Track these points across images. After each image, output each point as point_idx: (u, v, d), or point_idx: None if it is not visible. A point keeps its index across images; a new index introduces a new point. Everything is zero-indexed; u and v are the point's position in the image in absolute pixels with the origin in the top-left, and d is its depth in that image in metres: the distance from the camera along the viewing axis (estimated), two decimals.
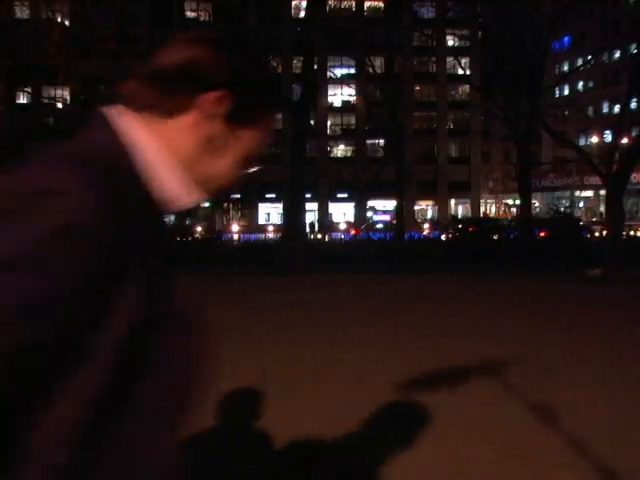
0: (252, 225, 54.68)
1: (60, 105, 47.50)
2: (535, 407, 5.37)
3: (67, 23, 26.99)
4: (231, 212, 60.39)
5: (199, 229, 46.12)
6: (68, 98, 53.38)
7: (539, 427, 4.92)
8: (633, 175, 39.89)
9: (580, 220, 31.42)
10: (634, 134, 29.43)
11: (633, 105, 26.44)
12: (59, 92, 47.94)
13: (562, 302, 12.29)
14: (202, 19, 51.31)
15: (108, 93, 51.56)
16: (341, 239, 38.09)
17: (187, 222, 54.08)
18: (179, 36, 1.11)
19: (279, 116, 59.86)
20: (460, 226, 28.87)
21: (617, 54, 54.56)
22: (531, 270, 18.94)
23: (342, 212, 61.92)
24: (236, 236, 34.26)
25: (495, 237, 27.50)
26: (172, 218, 58.63)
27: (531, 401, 5.49)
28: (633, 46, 25.11)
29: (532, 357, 7.13)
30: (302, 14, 38.88)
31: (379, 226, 56.52)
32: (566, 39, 65.35)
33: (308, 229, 36.31)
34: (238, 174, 1.22)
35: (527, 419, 5.07)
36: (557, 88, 57.85)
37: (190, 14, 56.26)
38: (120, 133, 1.02)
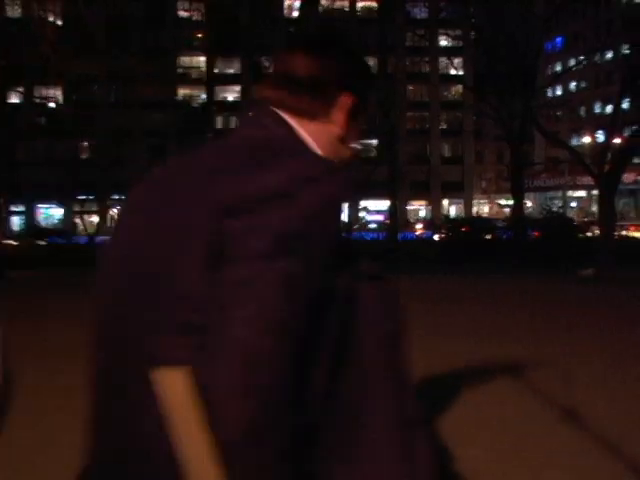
0: None
1: (53, 105, 47.31)
2: (535, 408, 5.36)
3: (59, 22, 26.84)
4: None
5: None
6: (61, 98, 53.18)
7: (536, 428, 4.91)
8: (625, 175, 39.93)
9: (573, 220, 31.49)
10: (626, 134, 29.54)
11: (625, 105, 26.50)
12: (51, 92, 47.77)
13: (559, 302, 12.31)
14: (194, 19, 51.34)
15: (100, 92, 50.96)
16: None
17: None
18: (298, 44, 1.33)
19: None
20: (453, 226, 28.90)
21: (609, 55, 54.70)
22: (525, 270, 18.96)
23: None
24: None
25: (488, 237, 27.54)
26: None
27: (532, 401, 5.48)
28: (625, 47, 25.19)
29: (532, 357, 7.12)
30: (295, 14, 38.85)
31: (372, 226, 56.57)
32: (559, 40, 65.51)
33: None
34: (355, 153, 1.41)
35: (525, 420, 5.06)
36: (550, 88, 58.02)
37: (183, 14, 56.26)
38: (294, 130, 1.24)
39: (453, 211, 65.59)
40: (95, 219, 56.53)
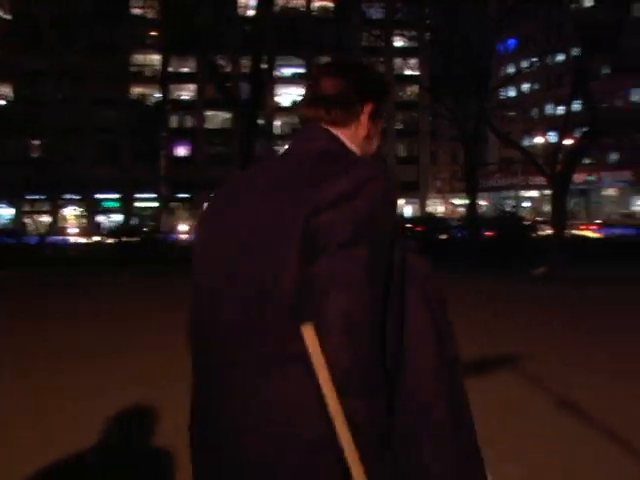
0: None
1: (2, 102, 46.24)
2: (492, 406, 5.35)
3: (8, 17, 26.22)
4: (178, 212, 59.72)
5: (145, 229, 45.50)
6: (9, 95, 52.01)
7: (491, 427, 4.89)
8: (576, 175, 40.58)
9: (526, 220, 31.92)
10: (577, 135, 30.06)
11: (576, 107, 26.96)
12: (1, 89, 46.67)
13: (513, 301, 12.43)
14: (149, 16, 50.65)
15: (50, 89, 49.91)
16: None
17: (133, 222, 53.33)
18: (323, 67, 1.72)
19: (227, 116, 59.44)
20: (409, 226, 29.03)
21: (561, 57, 55.65)
22: (480, 270, 19.12)
23: None
24: (184, 236, 33.79)
25: (443, 237, 27.73)
26: (119, 218, 57.18)
27: (489, 400, 5.47)
28: (575, 49, 25.60)
29: (488, 356, 7.14)
30: (251, 13, 38.62)
31: None
32: (512, 42, 66.45)
33: None
34: (379, 148, 1.75)
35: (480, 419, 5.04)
36: (503, 90, 58.78)
37: (136, 11, 55.47)
38: (341, 140, 1.62)
39: (409, 211, 66.01)
40: (46, 219, 55.41)
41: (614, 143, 59.83)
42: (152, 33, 53.55)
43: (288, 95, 62.57)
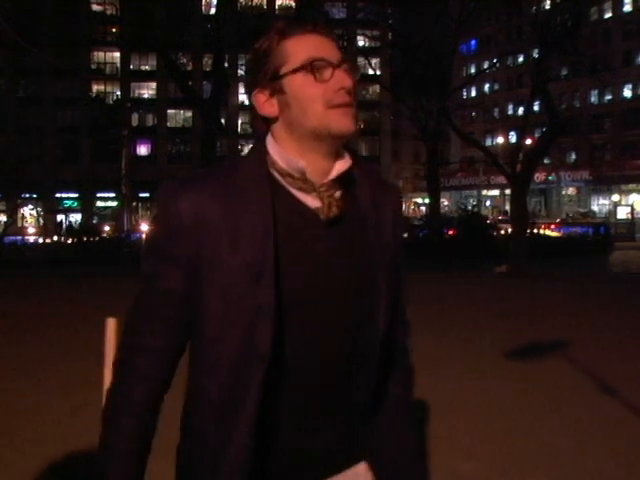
0: None
1: None
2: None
3: None
4: (140, 211, 59.07)
5: (107, 228, 44.90)
6: None
7: (458, 421, 4.92)
8: (536, 175, 41.19)
9: (487, 218, 32.26)
10: (536, 135, 30.45)
11: (536, 107, 27.28)
12: None
13: (474, 298, 12.55)
14: (109, 13, 50.01)
15: (8, 86, 49.06)
16: None
17: (94, 221, 52.64)
18: None
19: (189, 114, 58.98)
20: None
21: (521, 58, 56.39)
22: (442, 268, 19.27)
23: None
24: (145, 235, 33.40)
25: (405, 235, 27.84)
26: (79, 217, 56.46)
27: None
28: (535, 51, 25.94)
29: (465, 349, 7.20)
30: (213, 10, 38.35)
31: None
32: (473, 42, 67.14)
33: None
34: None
35: (445, 412, 5.07)
36: (464, 90, 59.36)
37: (96, 7, 54.72)
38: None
39: None
40: (2, 218, 54.29)
41: (572, 143, 60.80)
42: (112, 30, 52.87)
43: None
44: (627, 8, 64.15)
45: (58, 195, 57.50)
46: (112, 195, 56.79)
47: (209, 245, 1.29)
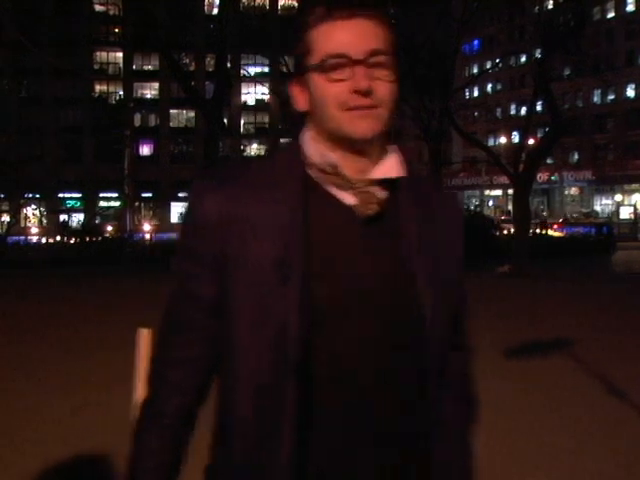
0: (165, 224, 53.64)
1: None
2: None
3: None
4: (143, 211, 59.14)
5: (109, 228, 44.94)
6: None
7: None
8: (539, 175, 41.11)
9: (492, 218, 32.24)
10: (539, 135, 30.42)
11: (538, 107, 27.26)
12: None
13: (475, 298, 12.54)
14: (112, 13, 50.08)
15: (9, 86, 49.11)
16: None
17: (97, 221, 52.71)
18: None
19: (191, 114, 59.01)
20: None
21: (523, 58, 56.34)
22: None
23: None
24: (148, 235, 33.45)
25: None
26: (81, 218, 56.47)
27: None
28: (537, 51, 25.91)
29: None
30: (215, 11, 38.37)
31: None
32: (476, 42, 67.08)
33: None
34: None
35: None
36: (467, 90, 59.30)
37: (99, 8, 54.81)
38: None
39: None
40: (5, 218, 54.40)
41: (575, 143, 60.75)
42: (115, 30, 52.95)
43: (253, 94, 62.39)
44: (630, 8, 64.08)
45: (61, 195, 57.59)
46: (115, 195, 56.87)
47: (235, 243, 1.22)
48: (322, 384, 1.20)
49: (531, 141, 26.18)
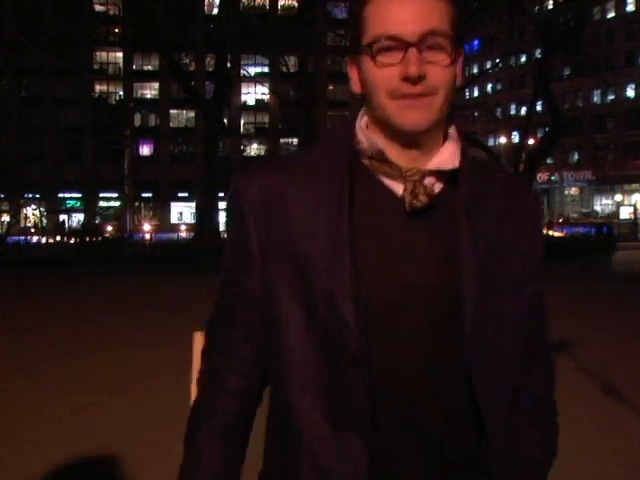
0: (165, 224, 53.65)
1: None
2: None
3: None
4: (143, 211, 59.12)
5: (109, 228, 44.96)
6: None
7: None
8: (539, 175, 41.17)
9: None
10: (539, 135, 30.43)
11: (538, 107, 27.31)
12: None
13: None
14: (112, 13, 50.04)
15: (9, 86, 49.04)
16: None
17: (97, 221, 52.72)
18: None
19: (191, 114, 59.00)
20: None
21: (523, 58, 56.35)
22: None
23: None
24: (148, 235, 33.47)
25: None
26: (81, 218, 56.39)
27: None
28: (537, 51, 25.95)
29: None
30: (215, 11, 38.39)
31: None
32: (476, 42, 67.06)
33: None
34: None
35: None
36: (467, 90, 59.34)
37: (99, 8, 54.78)
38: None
39: None
40: (5, 218, 54.42)
41: (575, 143, 60.76)
42: (115, 30, 52.94)
43: (253, 94, 62.38)
44: (630, 8, 64.06)
45: (61, 195, 57.58)
46: (115, 195, 56.85)
47: (278, 234, 1.15)
48: (377, 382, 1.12)
49: (531, 141, 26.20)
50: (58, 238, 34.19)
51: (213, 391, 1.23)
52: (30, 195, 53.61)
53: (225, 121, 42.38)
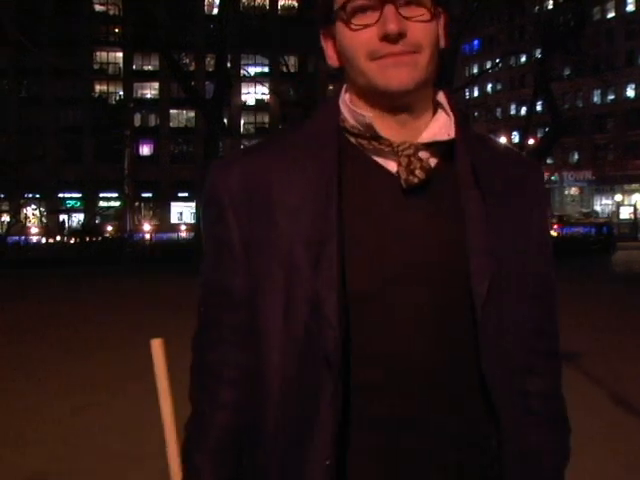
0: (165, 224, 53.63)
1: None
2: None
3: None
4: (143, 211, 59.10)
5: (109, 228, 44.96)
6: None
7: None
8: None
9: None
10: (539, 135, 30.42)
11: (538, 107, 27.32)
12: None
13: None
14: (112, 13, 50.04)
15: (10, 86, 49.05)
16: None
17: (97, 221, 52.73)
18: None
19: (191, 114, 59.02)
20: None
21: (523, 58, 56.35)
22: None
23: None
24: (148, 235, 33.48)
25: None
26: (81, 218, 56.39)
27: None
28: (537, 51, 25.96)
29: None
30: (215, 11, 38.40)
31: None
32: (476, 42, 67.05)
33: None
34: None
35: None
36: (467, 90, 59.31)
37: (99, 8, 54.77)
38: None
39: None
40: (5, 218, 54.46)
41: (575, 143, 60.78)
42: (115, 30, 52.96)
43: (253, 94, 62.37)
44: (630, 8, 64.07)
45: (61, 195, 57.57)
46: (115, 195, 56.84)
47: (260, 222, 1.06)
48: (361, 377, 1.05)
49: (531, 141, 26.20)
50: (58, 238, 34.20)
51: (206, 406, 1.14)
52: (30, 195, 53.58)
53: (225, 121, 42.43)
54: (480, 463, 1.10)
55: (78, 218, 56.46)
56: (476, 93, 71.72)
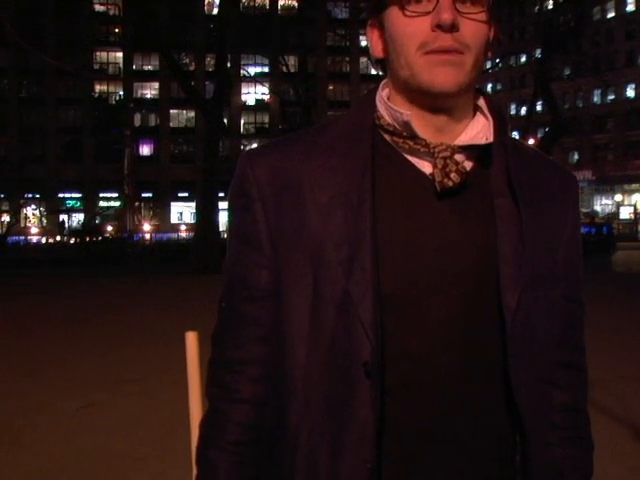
0: (165, 224, 53.64)
1: None
2: None
3: None
4: (143, 211, 59.11)
5: (109, 228, 44.97)
6: None
7: None
8: None
9: None
10: (539, 135, 30.42)
11: (538, 107, 27.32)
12: None
13: None
14: (112, 13, 50.10)
15: (10, 86, 49.12)
16: None
17: (97, 221, 52.72)
18: None
19: (191, 114, 59.01)
20: None
21: (523, 58, 56.37)
22: None
23: None
24: (148, 235, 33.48)
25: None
26: (81, 218, 56.38)
27: None
28: (537, 51, 25.96)
29: None
30: (215, 11, 38.42)
31: None
32: None
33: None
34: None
35: None
36: None
37: (99, 8, 54.80)
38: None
39: None
40: (5, 218, 54.49)
41: (575, 143, 60.79)
42: (115, 30, 53.00)
43: (253, 94, 62.37)
44: (630, 8, 64.07)
45: (61, 195, 57.58)
46: (115, 195, 56.87)
47: (289, 220, 1.04)
48: (392, 382, 1.02)
49: (531, 141, 26.18)
50: (58, 238, 34.21)
51: (224, 401, 1.12)
52: (30, 195, 53.61)
53: (225, 121, 42.40)
54: (502, 478, 1.09)
55: (78, 218, 56.45)
56: None
